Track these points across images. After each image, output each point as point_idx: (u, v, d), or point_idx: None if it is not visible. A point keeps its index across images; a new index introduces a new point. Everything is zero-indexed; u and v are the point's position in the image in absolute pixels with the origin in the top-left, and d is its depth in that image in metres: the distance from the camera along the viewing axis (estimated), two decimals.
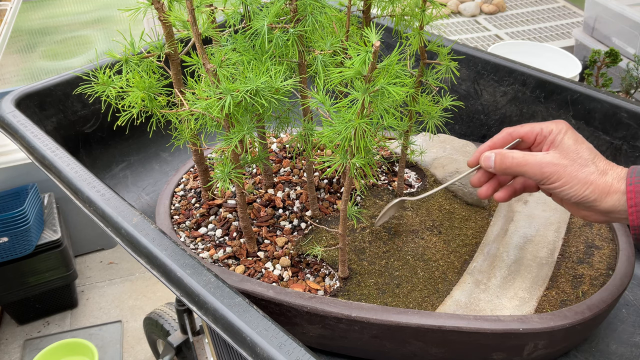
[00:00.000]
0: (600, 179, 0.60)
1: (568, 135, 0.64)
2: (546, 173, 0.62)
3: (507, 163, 0.65)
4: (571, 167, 0.61)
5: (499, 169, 0.66)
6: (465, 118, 1.06)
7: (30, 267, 1.85)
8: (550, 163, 0.62)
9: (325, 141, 0.58)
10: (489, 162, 0.67)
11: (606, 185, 0.60)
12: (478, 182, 0.72)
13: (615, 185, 0.60)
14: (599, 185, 0.60)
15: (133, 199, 0.98)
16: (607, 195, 0.60)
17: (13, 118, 0.87)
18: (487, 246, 0.79)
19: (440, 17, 0.70)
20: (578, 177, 0.61)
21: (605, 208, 0.60)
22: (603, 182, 0.60)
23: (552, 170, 0.62)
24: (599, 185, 0.60)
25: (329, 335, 0.70)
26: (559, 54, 1.60)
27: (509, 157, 0.65)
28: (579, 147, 0.62)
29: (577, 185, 0.61)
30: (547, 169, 0.62)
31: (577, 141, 0.63)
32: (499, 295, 0.71)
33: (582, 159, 0.62)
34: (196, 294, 0.59)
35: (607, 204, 0.60)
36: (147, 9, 0.66)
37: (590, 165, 0.61)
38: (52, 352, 1.78)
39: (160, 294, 2.13)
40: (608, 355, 0.72)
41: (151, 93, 0.69)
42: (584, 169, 0.61)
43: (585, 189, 0.61)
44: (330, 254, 0.75)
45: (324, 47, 0.64)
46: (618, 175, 0.60)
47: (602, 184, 0.60)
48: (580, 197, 0.61)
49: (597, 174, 0.61)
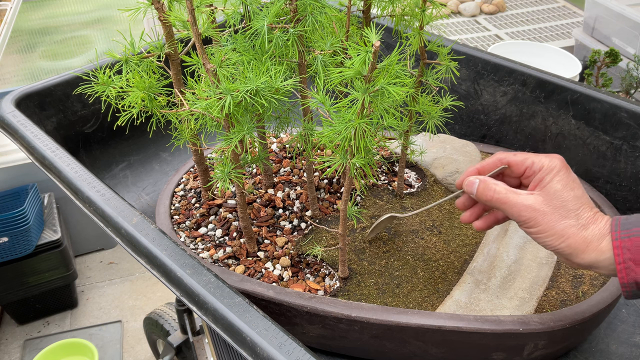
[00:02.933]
0: (578, 233, 0.57)
1: (558, 178, 0.59)
2: (523, 217, 0.59)
3: (488, 195, 0.62)
4: (551, 215, 0.58)
5: (480, 198, 0.63)
6: (465, 118, 1.06)
7: (30, 267, 1.85)
8: (530, 207, 0.59)
9: (325, 141, 0.58)
10: (472, 188, 0.64)
11: (584, 242, 0.56)
12: (462, 206, 0.69)
13: (594, 243, 0.56)
14: (576, 241, 0.57)
15: (133, 199, 0.98)
16: (583, 252, 0.56)
17: (13, 118, 0.87)
18: (487, 246, 0.79)
19: (440, 17, 0.70)
20: (555, 228, 0.57)
21: (582, 263, 0.57)
22: (581, 237, 0.56)
23: (530, 215, 0.58)
24: (576, 240, 0.57)
25: (329, 335, 0.70)
26: (559, 54, 1.60)
27: (492, 189, 0.62)
28: (565, 194, 0.58)
29: (552, 237, 0.58)
30: (525, 213, 0.59)
31: (566, 186, 0.59)
32: (499, 295, 0.71)
33: (564, 208, 0.58)
34: (196, 294, 0.59)
35: (584, 260, 0.57)
36: (147, 9, 0.66)
37: (572, 217, 0.57)
38: (52, 352, 1.78)
39: (160, 294, 2.13)
40: (608, 355, 0.72)
41: (151, 93, 0.69)
42: (563, 221, 0.57)
43: (561, 242, 0.57)
44: (330, 254, 0.75)
45: (324, 47, 0.64)
46: (600, 232, 0.56)
47: (579, 240, 0.56)
48: (555, 248, 0.58)
49: (576, 227, 0.57)
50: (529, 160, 0.63)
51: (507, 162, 0.65)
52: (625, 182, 0.89)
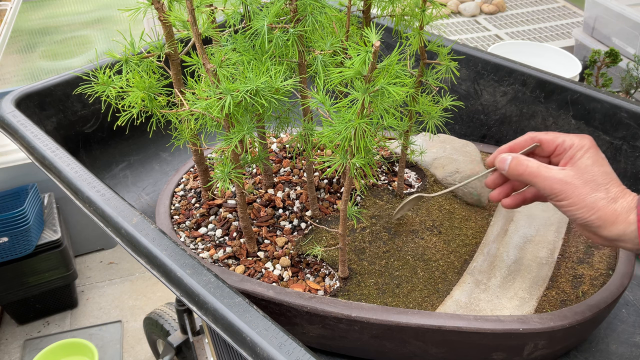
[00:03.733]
0: (608, 206, 0.59)
1: (588, 155, 0.62)
2: (555, 190, 0.61)
3: (520, 170, 0.64)
4: (582, 189, 0.60)
5: (512, 173, 0.65)
6: (465, 118, 1.06)
7: (30, 267, 1.85)
8: (562, 181, 0.61)
9: (325, 141, 0.58)
10: (504, 164, 0.66)
11: (613, 214, 0.58)
12: (492, 184, 0.71)
13: (623, 215, 0.58)
14: (606, 213, 0.59)
15: (133, 199, 0.98)
16: (612, 224, 0.58)
17: (13, 118, 0.87)
18: (487, 246, 0.79)
19: (440, 17, 0.70)
20: (586, 200, 0.60)
21: (609, 236, 0.59)
22: (611, 210, 0.59)
23: (561, 188, 0.61)
24: (605, 213, 0.59)
25: (329, 335, 0.70)
26: (559, 54, 1.60)
27: (524, 164, 0.64)
28: (595, 170, 0.61)
29: (583, 209, 0.60)
30: (557, 185, 0.61)
31: (596, 163, 0.61)
32: (499, 295, 0.71)
33: (594, 182, 0.60)
34: (196, 294, 0.59)
35: (612, 232, 0.59)
36: (147, 9, 0.66)
37: (602, 190, 0.60)
38: (52, 352, 1.78)
39: (160, 294, 2.13)
40: (608, 355, 0.72)
41: (151, 93, 0.69)
42: (594, 194, 0.59)
43: (591, 214, 0.59)
44: (330, 254, 0.75)
45: (324, 47, 0.64)
46: (628, 205, 0.59)
47: (609, 212, 0.59)
48: (585, 220, 0.60)
49: (606, 200, 0.59)
50: (559, 139, 0.65)
51: (538, 140, 0.67)
52: (625, 182, 0.89)
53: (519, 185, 0.71)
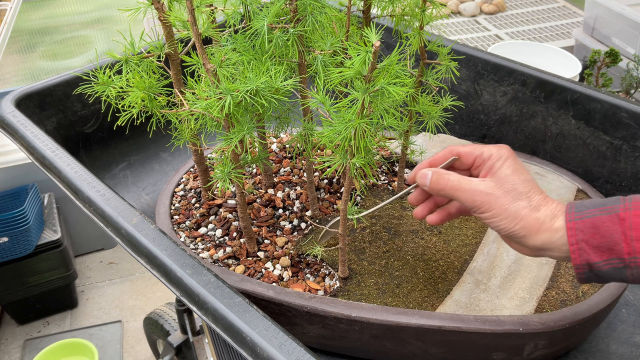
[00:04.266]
0: (531, 214, 0.58)
1: (507, 164, 0.61)
2: (477, 202, 0.60)
3: (442, 184, 0.63)
4: (503, 199, 0.59)
5: (434, 188, 0.64)
6: (465, 118, 1.06)
7: (30, 267, 1.85)
8: (483, 192, 0.60)
9: (325, 141, 0.58)
10: (425, 180, 0.64)
11: (537, 222, 0.57)
12: (415, 201, 0.69)
13: (547, 223, 0.57)
14: (529, 222, 0.57)
15: (133, 199, 0.98)
16: (536, 233, 0.57)
17: (13, 118, 0.87)
18: (487, 246, 0.79)
19: (440, 17, 0.70)
20: (508, 210, 0.58)
21: (535, 245, 0.58)
22: (534, 218, 0.57)
23: (483, 199, 0.59)
24: (529, 222, 0.57)
25: (329, 335, 0.70)
26: (559, 54, 1.60)
27: (445, 178, 0.62)
28: (515, 178, 0.60)
29: (506, 219, 0.58)
30: (478, 197, 0.60)
31: (515, 171, 0.60)
32: (499, 295, 0.71)
33: (515, 191, 0.59)
34: (196, 294, 0.59)
35: (537, 241, 0.57)
36: (147, 9, 0.66)
37: (524, 199, 0.59)
38: (52, 352, 1.78)
39: (160, 294, 2.13)
40: (608, 355, 0.72)
41: (151, 93, 0.69)
42: (516, 203, 0.58)
43: (515, 224, 0.58)
44: (330, 254, 0.75)
45: (324, 47, 0.64)
46: (551, 213, 0.58)
47: (532, 220, 0.57)
48: (510, 231, 0.59)
49: (528, 209, 0.58)
50: (478, 150, 0.64)
51: (457, 153, 0.66)
52: (625, 182, 0.89)
53: (441, 200, 0.69)
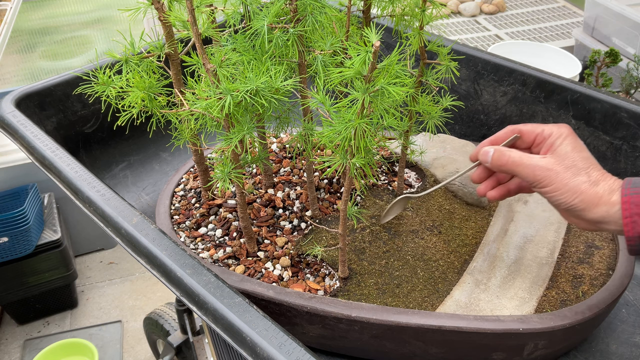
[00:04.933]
0: (590, 189, 0.60)
1: (567, 142, 0.64)
2: (538, 177, 0.63)
3: (503, 160, 0.66)
4: (563, 174, 0.62)
5: (495, 165, 0.67)
6: (465, 118, 1.06)
7: (30, 267, 1.85)
8: (544, 167, 0.63)
9: (325, 141, 0.58)
10: (487, 157, 0.68)
11: (596, 196, 0.60)
12: (478, 178, 0.73)
13: (605, 197, 0.60)
14: (589, 195, 0.60)
15: (133, 199, 0.98)
16: (595, 206, 0.60)
17: (13, 118, 0.87)
18: (487, 246, 0.79)
19: (440, 17, 0.70)
20: (568, 185, 0.61)
21: (593, 218, 0.61)
22: (593, 192, 0.60)
23: (544, 174, 0.62)
24: (588, 195, 0.60)
25: (329, 335, 0.70)
26: (559, 54, 1.60)
27: (506, 155, 0.66)
28: (575, 155, 0.63)
29: (566, 193, 0.61)
30: (539, 172, 0.63)
31: (575, 149, 0.63)
32: (499, 295, 0.71)
33: (575, 167, 0.62)
34: (196, 294, 0.59)
35: (596, 214, 0.60)
36: (147, 9, 0.66)
37: (583, 174, 0.61)
38: (52, 352, 1.78)
39: (160, 294, 2.13)
40: (608, 355, 0.72)
41: (151, 93, 0.69)
42: (576, 178, 0.61)
43: (575, 198, 0.61)
44: (330, 254, 0.75)
45: (324, 47, 0.64)
46: (610, 187, 0.60)
47: (591, 194, 0.60)
48: (569, 204, 0.62)
49: (588, 184, 0.61)
50: (539, 128, 0.67)
51: (518, 131, 0.69)
52: None
53: (503, 177, 0.72)
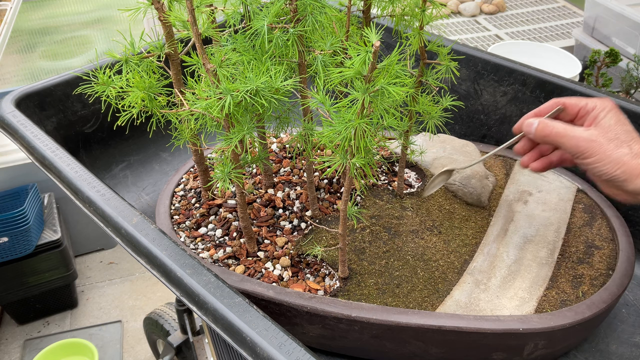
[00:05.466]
0: (632, 160, 0.62)
1: (610, 115, 0.65)
2: (581, 148, 0.64)
3: (547, 131, 0.67)
4: (606, 146, 0.63)
5: (539, 136, 0.69)
6: (465, 118, 1.06)
7: (30, 267, 1.85)
8: (587, 139, 0.64)
9: (325, 141, 0.58)
10: (531, 128, 0.70)
11: (637, 168, 0.62)
12: (522, 150, 0.75)
13: None
14: (630, 167, 0.62)
15: (133, 199, 0.98)
16: (636, 177, 0.62)
17: (13, 118, 0.87)
18: (487, 246, 0.79)
19: (440, 17, 0.70)
20: (611, 156, 0.63)
21: (634, 189, 0.63)
22: (635, 164, 0.62)
23: (587, 146, 0.64)
24: (630, 167, 0.62)
25: (329, 335, 0.70)
26: (559, 54, 1.60)
27: (550, 126, 0.67)
28: (618, 128, 0.64)
29: (609, 164, 0.63)
30: (583, 144, 0.64)
31: (619, 122, 0.65)
32: (499, 295, 0.71)
33: (618, 139, 0.64)
34: (196, 294, 0.59)
35: (637, 185, 0.62)
36: (147, 9, 0.66)
37: (625, 147, 0.63)
38: (52, 352, 1.78)
39: (160, 294, 2.13)
40: (608, 355, 0.72)
41: (151, 93, 0.69)
42: (618, 150, 0.63)
43: (617, 169, 0.63)
44: (330, 254, 0.75)
45: (324, 47, 0.64)
46: None
47: (633, 166, 0.62)
48: (611, 175, 0.63)
49: (630, 155, 0.62)
50: (582, 101, 0.69)
51: (562, 104, 0.71)
52: None
53: (546, 149, 0.74)
